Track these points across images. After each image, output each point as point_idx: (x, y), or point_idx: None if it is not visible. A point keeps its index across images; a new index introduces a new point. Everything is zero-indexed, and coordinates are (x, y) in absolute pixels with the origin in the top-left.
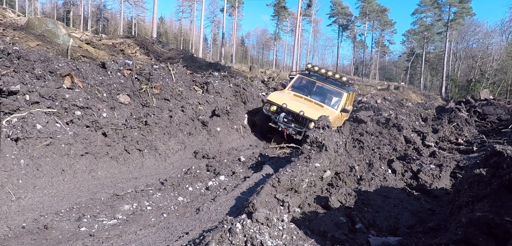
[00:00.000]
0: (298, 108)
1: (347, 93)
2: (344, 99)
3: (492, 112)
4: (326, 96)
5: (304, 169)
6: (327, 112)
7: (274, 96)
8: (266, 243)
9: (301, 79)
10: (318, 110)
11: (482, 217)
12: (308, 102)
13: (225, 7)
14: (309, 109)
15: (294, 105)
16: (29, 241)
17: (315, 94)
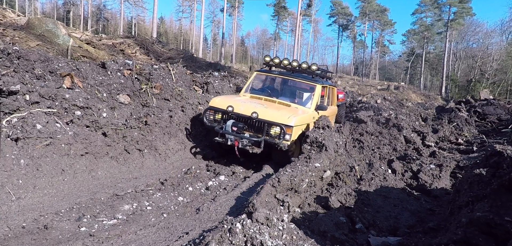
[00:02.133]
0: (249, 110)
1: (321, 85)
2: (318, 94)
3: (492, 112)
4: (294, 93)
5: (304, 169)
6: (296, 111)
7: (217, 100)
8: (266, 243)
9: (259, 78)
10: (281, 110)
11: (482, 217)
12: (269, 103)
13: (225, 7)
14: (268, 110)
15: (245, 107)
16: (29, 241)
17: (281, 93)
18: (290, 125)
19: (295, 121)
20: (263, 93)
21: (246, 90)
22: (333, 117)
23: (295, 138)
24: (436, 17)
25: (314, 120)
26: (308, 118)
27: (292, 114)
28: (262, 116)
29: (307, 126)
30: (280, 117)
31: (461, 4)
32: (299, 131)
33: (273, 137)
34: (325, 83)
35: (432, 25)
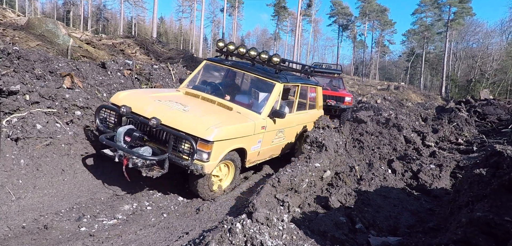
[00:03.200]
0: (156, 112)
1: (282, 84)
2: (276, 95)
3: (492, 112)
4: (248, 92)
5: (304, 169)
6: (233, 118)
7: (122, 96)
8: (266, 243)
9: (209, 69)
10: (207, 115)
11: (482, 217)
12: (204, 103)
13: (225, 7)
14: (185, 114)
15: (151, 107)
16: (29, 241)
17: (231, 91)
18: (207, 139)
19: (217, 133)
20: (206, 90)
21: (188, 84)
22: (311, 125)
23: (218, 157)
24: (436, 17)
25: (264, 131)
26: (248, 128)
27: (217, 122)
28: (168, 122)
29: (248, 139)
30: (195, 125)
31: (461, 4)
32: (227, 148)
33: (181, 155)
34: (296, 81)
35: (432, 25)
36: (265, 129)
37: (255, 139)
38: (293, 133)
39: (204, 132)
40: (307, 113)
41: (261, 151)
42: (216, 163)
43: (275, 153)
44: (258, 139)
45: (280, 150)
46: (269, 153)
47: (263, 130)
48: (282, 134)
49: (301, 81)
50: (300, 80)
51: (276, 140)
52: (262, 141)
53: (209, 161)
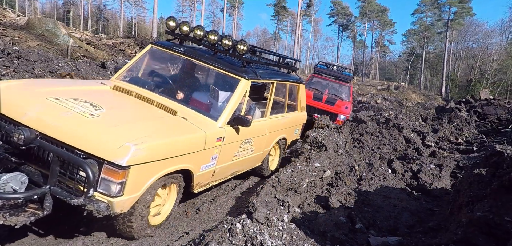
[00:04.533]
0: (37, 115)
1: (248, 81)
2: (240, 96)
3: (492, 112)
4: (204, 90)
5: (304, 169)
6: (172, 128)
7: None
8: (266, 243)
9: (155, 56)
10: (138, 121)
11: (482, 217)
12: (138, 104)
13: (225, 7)
14: (96, 120)
15: (46, 109)
16: (29, 241)
17: (185, 86)
18: (118, 164)
19: (136, 153)
20: (148, 84)
21: (124, 75)
22: (291, 133)
23: (141, 188)
24: (436, 17)
25: (220, 143)
26: (194, 142)
27: (139, 135)
28: (53, 133)
29: (195, 156)
30: (100, 139)
31: (461, 4)
32: (158, 172)
33: (77, 185)
34: (270, 76)
35: (432, 25)
36: (222, 141)
37: (207, 155)
38: (266, 142)
39: (114, 151)
40: (285, 117)
41: (218, 170)
42: (136, 197)
43: (240, 169)
44: (212, 155)
45: (248, 165)
46: (230, 170)
47: (220, 143)
48: (249, 145)
49: (277, 77)
50: (276, 75)
51: (241, 153)
52: (219, 157)
53: (123, 196)
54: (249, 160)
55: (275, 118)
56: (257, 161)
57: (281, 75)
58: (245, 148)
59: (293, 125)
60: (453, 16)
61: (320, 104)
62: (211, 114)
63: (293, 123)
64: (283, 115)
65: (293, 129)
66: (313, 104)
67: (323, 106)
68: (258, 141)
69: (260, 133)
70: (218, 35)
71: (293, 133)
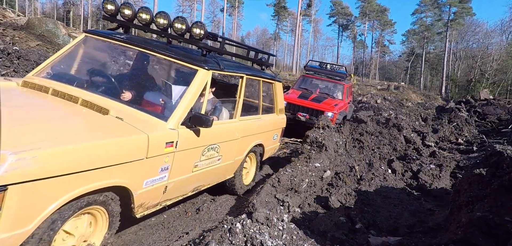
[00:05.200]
0: None
1: (208, 71)
2: (198, 88)
3: (492, 112)
4: (151, 85)
5: (304, 169)
6: (94, 130)
7: None
8: (266, 243)
9: (91, 46)
10: (40, 122)
11: (482, 217)
12: (52, 103)
13: (225, 7)
14: None
15: None
16: None
17: (132, 82)
18: None
19: (18, 164)
20: (78, 81)
21: (44, 71)
22: (268, 138)
23: (34, 220)
24: (436, 17)
25: (173, 150)
26: (129, 148)
27: (28, 140)
28: None
29: (133, 168)
30: None
31: (461, 4)
32: (65, 193)
33: None
34: (238, 70)
35: (432, 25)
36: (175, 147)
37: (152, 166)
38: (237, 149)
39: None
40: (260, 120)
41: (173, 186)
42: (23, 235)
43: (205, 183)
44: (161, 166)
45: (215, 177)
46: (191, 185)
47: (172, 149)
48: (215, 152)
49: (247, 71)
50: (246, 69)
51: (204, 162)
52: (173, 168)
53: None
54: (216, 171)
55: (247, 120)
56: (227, 172)
57: (253, 70)
58: (209, 156)
59: (270, 129)
60: (453, 16)
61: (305, 102)
62: (160, 113)
63: (270, 126)
64: (257, 117)
65: (270, 134)
66: (298, 102)
67: (309, 104)
68: (227, 148)
69: (229, 137)
70: (168, 18)
71: (272, 139)
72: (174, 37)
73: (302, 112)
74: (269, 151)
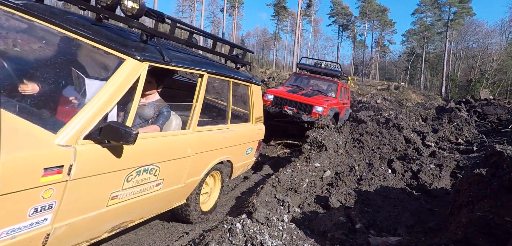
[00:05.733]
0: None
1: (141, 63)
2: (120, 86)
3: (492, 112)
4: (55, 78)
5: (304, 169)
6: None
7: None
8: (266, 243)
9: None
10: None
11: (482, 217)
12: None
13: (225, 7)
14: None
15: None
16: None
17: (37, 69)
18: None
19: None
20: None
21: None
22: (239, 154)
23: None
24: (436, 17)
25: (61, 180)
26: None
27: None
28: None
29: None
30: None
31: (461, 4)
32: None
33: None
34: (197, 66)
35: (432, 25)
36: (70, 173)
37: (14, 205)
38: (191, 170)
39: None
40: (228, 131)
41: (62, 231)
42: None
43: (134, 218)
44: (34, 205)
45: (152, 207)
46: (105, 224)
47: (60, 177)
48: (152, 175)
49: (210, 68)
50: (207, 65)
51: (129, 191)
52: (63, 205)
53: None
54: (153, 200)
55: (208, 131)
56: (174, 199)
57: (219, 67)
58: (140, 182)
59: (242, 141)
60: (453, 16)
61: (294, 96)
62: (51, 119)
63: (242, 138)
64: (223, 128)
65: (242, 148)
66: (286, 96)
67: (297, 98)
68: (173, 168)
69: (176, 154)
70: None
71: (244, 154)
72: (105, 12)
73: (289, 106)
74: (240, 168)
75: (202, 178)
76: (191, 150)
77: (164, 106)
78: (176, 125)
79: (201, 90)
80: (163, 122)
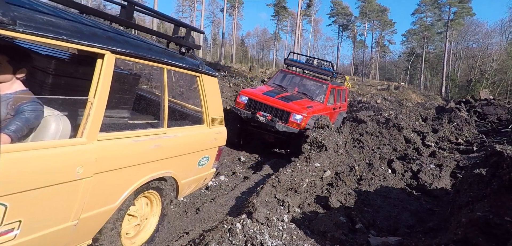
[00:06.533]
0: None
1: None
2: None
3: (492, 112)
4: None
5: (304, 169)
6: None
7: None
8: (266, 243)
9: None
10: None
11: (482, 217)
12: None
13: (225, 7)
14: None
15: None
16: None
17: None
18: None
19: None
20: None
21: None
22: (186, 166)
23: None
24: (436, 17)
25: None
26: None
27: None
28: None
29: None
30: None
31: (461, 4)
32: None
33: None
34: (88, 39)
35: (432, 25)
36: None
37: None
38: (88, 201)
39: None
40: (164, 137)
41: None
42: None
43: None
44: None
45: None
46: None
47: None
48: None
49: (120, 47)
50: (116, 42)
51: None
52: None
53: None
54: None
55: (123, 139)
56: (60, 242)
57: (139, 47)
58: None
59: (190, 150)
60: (453, 16)
61: (270, 99)
62: None
63: (189, 147)
64: (156, 133)
65: (192, 158)
66: (261, 99)
67: (274, 102)
68: (41, 202)
69: (48, 178)
70: None
71: (195, 166)
72: None
73: (264, 111)
74: (190, 185)
75: (121, 206)
76: (84, 169)
77: (28, 102)
78: (58, 130)
79: (102, 78)
80: (23, 127)
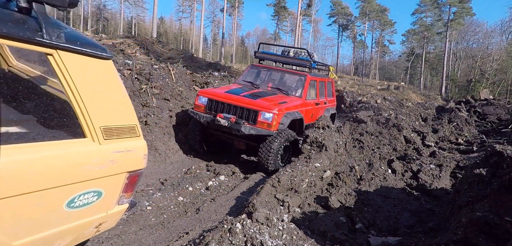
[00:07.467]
0: None
1: None
2: None
3: (492, 112)
4: None
5: (304, 169)
6: None
7: None
8: (266, 243)
9: None
10: None
11: (482, 217)
12: None
13: (225, 7)
14: None
15: None
16: None
17: None
18: None
19: None
20: None
21: None
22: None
23: None
24: (436, 17)
25: None
26: None
27: None
28: None
29: None
30: None
31: (461, 4)
32: None
33: None
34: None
35: (432, 25)
36: None
37: None
38: None
39: None
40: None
41: None
42: None
43: None
44: None
45: None
46: None
47: None
48: None
49: None
50: None
51: None
52: None
53: None
54: None
55: None
56: None
57: None
58: None
59: (39, 185)
60: (453, 16)
61: (234, 98)
62: None
63: (39, 178)
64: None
65: (47, 198)
66: (223, 99)
67: (238, 101)
68: None
69: None
70: None
71: (58, 209)
72: None
73: (227, 112)
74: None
75: None
76: None
77: None
78: None
79: None
80: None
